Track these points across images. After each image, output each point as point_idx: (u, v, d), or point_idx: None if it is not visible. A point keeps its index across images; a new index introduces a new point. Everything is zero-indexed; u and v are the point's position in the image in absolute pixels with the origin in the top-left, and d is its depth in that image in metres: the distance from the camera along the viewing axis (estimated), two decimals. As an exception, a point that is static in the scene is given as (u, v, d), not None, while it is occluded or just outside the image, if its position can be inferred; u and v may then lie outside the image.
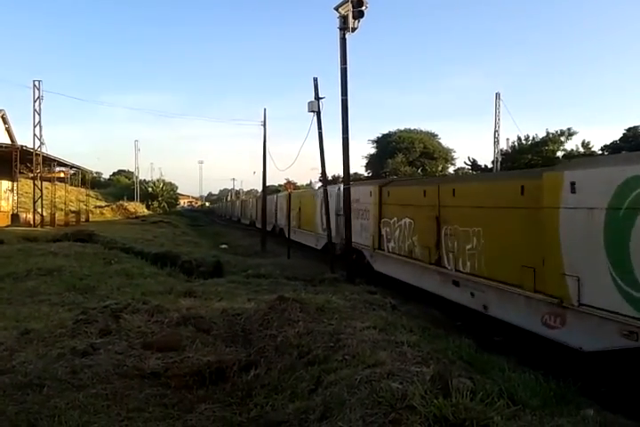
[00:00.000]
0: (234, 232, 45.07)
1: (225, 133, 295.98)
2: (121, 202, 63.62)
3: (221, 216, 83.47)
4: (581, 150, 50.00)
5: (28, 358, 6.54)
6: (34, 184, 37.31)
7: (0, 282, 12.50)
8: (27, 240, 21.34)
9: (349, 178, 16.74)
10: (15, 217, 35.51)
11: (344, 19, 14.95)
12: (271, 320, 7.82)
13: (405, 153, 67.10)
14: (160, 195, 78.21)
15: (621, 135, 50.36)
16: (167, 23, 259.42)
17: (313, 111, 19.05)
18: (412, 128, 73.58)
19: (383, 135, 73.20)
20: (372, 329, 7.11)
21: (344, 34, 15.19)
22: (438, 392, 4.40)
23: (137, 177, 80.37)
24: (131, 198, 70.23)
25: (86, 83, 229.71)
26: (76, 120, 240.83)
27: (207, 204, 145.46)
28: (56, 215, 38.82)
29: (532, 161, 48.07)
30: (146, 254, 18.29)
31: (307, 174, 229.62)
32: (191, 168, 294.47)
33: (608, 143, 51.01)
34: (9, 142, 39.99)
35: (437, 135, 74.11)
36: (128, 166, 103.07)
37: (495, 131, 49.93)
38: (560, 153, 50.97)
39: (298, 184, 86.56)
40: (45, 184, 39.47)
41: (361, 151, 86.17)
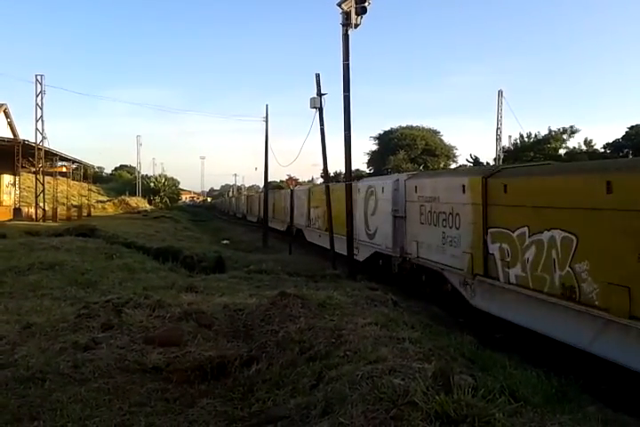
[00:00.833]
0: (235, 228, 45.12)
1: (227, 129, 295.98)
2: (123, 197, 63.69)
3: (224, 212, 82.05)
4: (584, 148, 49.90)
5: (30, 351, 6.55)
6: (36, 178, 37.34)
7: (2, 276, 12.50)
8: (29, 234, 21.35)
9: (351, 174, 16.80)
10: (17, 211, 35.61)
11: (347, 15, 14.95)
12: (273, 316, 7.83)
13: (407, 150, 66.85)
14: (162, 190, 78.15)
15: (624, 133, 50.27)
16: (169, 18, 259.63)
17: (315, 107, 19.05)
18: (414, 125, 73.31)
19: (385, 132, 72.88)
20: (374, 325, 7.11)
21: (347, 30, 15.19)
22: (440, 389, 4.40)
23: (139, 172, 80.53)
24: (133, 193, 70.20)
25: (88, 77, 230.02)
26: (78, 115, 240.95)
27: (209, 199, 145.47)
28: (58, 210, 38.91)
29: (534, 159, 47.97)
30: (147, 249, 18.36)
31: (308, 170, 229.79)
32: (193, 163, 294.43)
33: (610, 141, 50.97)
34: (11, 137, 40.05)
35: (439, 132, 73.76)
36: (130, 161, 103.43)
37: (497, 128, 49.97)
38: (562, 151, 50.89)
39: (299, 180, 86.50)
40: (47, 179, 39.53)
41: (362, 148, 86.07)
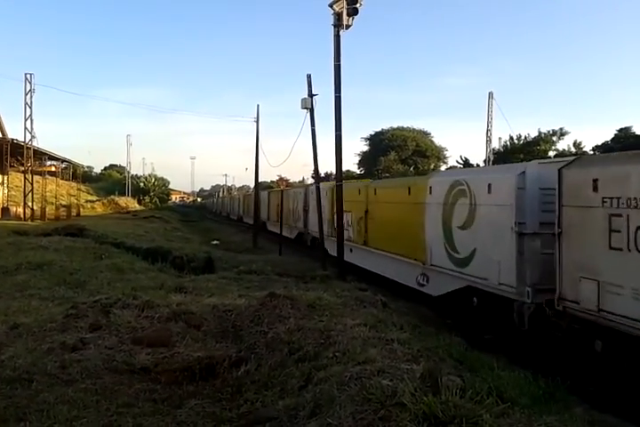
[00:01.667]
0: (225, 228, 44.96)
1: (218, 129, 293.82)
2: (112, 197, 63.35)
3: (215, 213, 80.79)
4: (573, 150, 50.22)
5: (17, 352, 6.51)
6: (24, 178, 37.07)
7: (-11, 276, 12.40)
8: (17, 234, 21.14)
9: (342, 175, 16.82)
10: (5, 211, 35.33)
11: (338, 16, 14.95)
12: (262, 317, 7.83)
13: (398, 151, 67.05)
14: (152, 190, 77.83)
15: (613, 136, 50.63)
16: (161, 18, 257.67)
17: (306, 108, 19.03)
18: (405, 126, 73.61)
19: (376, 133, 73.08)
20: (363, 326, 7.12)
21: (338, 31, 15.20)
22: (428, 390, 4.41)
23: (129, 172, 79.98)
24: (122, 193, 69.81)
25: (79, 77, 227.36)
26: (69, 114, 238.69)
27: (199, 199, 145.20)
28: (47, 209, 38.64)
29: (525, 161, 48.15)
30: (137, 249, 18.25)
31: (299, 171, 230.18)
32: (183, 164, 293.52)
33: (599, 143, 51.32)
34: (-1, 135, 39.74)
35: (430, 133, 74.07)
36: (120, 161, 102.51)
37: (487, 130, 50.07)
38: (552, 153, 51.19)
39: (290, 180, 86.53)
40: (36, 178, 39.22)
41: (353, 148, 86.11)
